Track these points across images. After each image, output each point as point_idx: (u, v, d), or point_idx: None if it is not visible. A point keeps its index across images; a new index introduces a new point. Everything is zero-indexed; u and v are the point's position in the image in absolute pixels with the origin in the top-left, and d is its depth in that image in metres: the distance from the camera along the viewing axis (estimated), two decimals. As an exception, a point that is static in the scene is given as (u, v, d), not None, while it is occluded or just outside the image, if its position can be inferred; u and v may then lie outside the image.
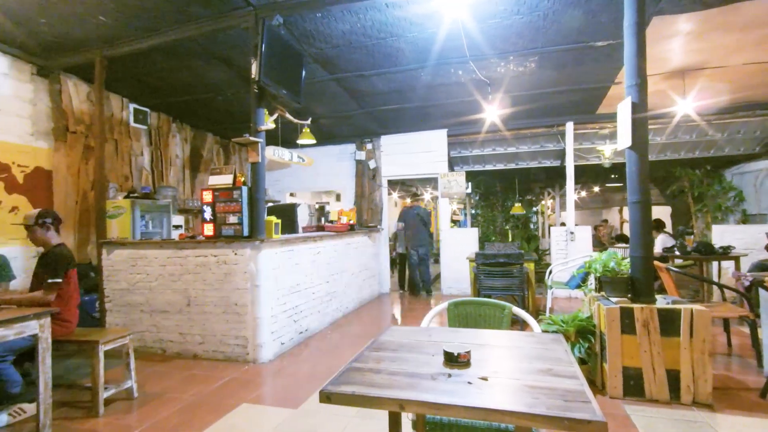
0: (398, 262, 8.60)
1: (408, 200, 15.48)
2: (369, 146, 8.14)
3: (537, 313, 5.26)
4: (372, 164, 8.08)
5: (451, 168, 8.54)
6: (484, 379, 1.32)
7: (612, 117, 6.82)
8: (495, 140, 8.11)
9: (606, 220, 14.89)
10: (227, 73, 5.18)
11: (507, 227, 13.24)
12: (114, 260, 4.51)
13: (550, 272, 5.80)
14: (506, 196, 13.37)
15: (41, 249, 3.16)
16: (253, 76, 3.82)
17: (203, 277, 4.15)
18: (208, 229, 4.16)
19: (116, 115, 5.76)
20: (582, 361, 3.22)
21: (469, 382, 1.29)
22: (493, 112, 6.37)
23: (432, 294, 7.63)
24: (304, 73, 4.44)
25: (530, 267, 5.32)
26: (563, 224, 9.30)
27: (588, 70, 5.14)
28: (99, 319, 4.57)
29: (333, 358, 4.07)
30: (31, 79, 4.78)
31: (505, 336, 1.86)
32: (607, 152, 7.66)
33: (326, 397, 1.26)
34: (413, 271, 7.62)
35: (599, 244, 9.96)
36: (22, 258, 4.58)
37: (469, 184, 11.26)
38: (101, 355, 2.94)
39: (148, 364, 3.96)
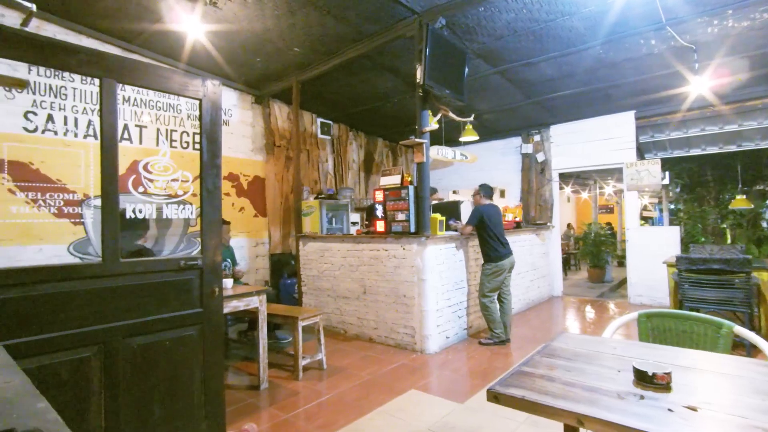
0: None
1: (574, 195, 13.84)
2: (537, 138, 7.58)
3: (773, 337, 4.02)
4: (540, 157, 7.51)
5: (641, 156, 7.26)
6: (692, 409, 1.08)
7: None
8: (704, 118, 6.53)
9: None
10: (394, 81, 5.57)
11: (724, 226, 10.49)
12: (307, 251, 5.37)
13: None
14: (722, 187, 10.59)
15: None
16: (417, 81, 4.00)
17: (376, 268, 4.57)
18: (380, 226, 4.56)
19: (307, 129, 6.84)
20: None
21: (670, 410, 1.08)
22: (701, 83, 5.13)
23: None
24: (467, 70, 4.43)
25: (763, 277, 4.11)
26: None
27: None
28: (297, 300, 5.52)
29: (498, 359, 3.96)
30: (251, 107, 6.09)
31: (722, 360, 1.49)
32: None
33: (494, 397, 1.23)
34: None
35: None
36: (247, 247, 5.88)
37: (666, 173, 9.32)
38: (300, 329, 3.54)
39: (333, 342, 4.58)
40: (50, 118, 4.09)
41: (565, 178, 10.10)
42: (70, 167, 4.19)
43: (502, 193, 8.63)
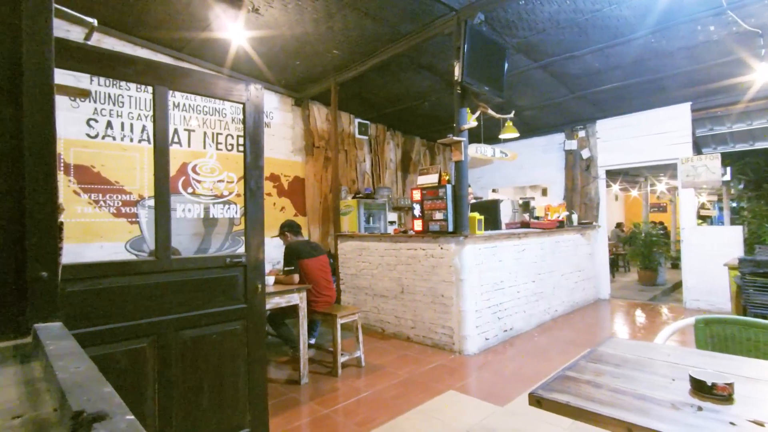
0: None
1: (635, 192, 13.16)
2: (581, 134, 7.27)
3: None
4: (585, 154, 7.20)
5: (698, 150, 6.78)
6: (759, 424, 1.00)
7: None
8: (771, 108, 5.99)
9: None
10: (431, 80, 5.53)
11: (795, 226, 9.59)
12: (346, 250, 5.45)
13: None
14: (792, 183, 9.68)
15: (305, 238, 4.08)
16: (456, 78, 3.95)
17: (414, 268, 4.56)
18: (417, 225, 4.55)
19: (345, 129, 6.93)
20: None
21: (732, 423, 1.01)
22: None
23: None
24: (506, 65, 4.32)
25: (840, 282, 3.71)
26: None
27: None
28: (336, 298, 5.61)
29: (540, 362, 3.84)
30: (291, 109, 6.25)
31: (792, 372, 1.36)
32: None
33: (537, 401, 1.20)
34: None
35: None
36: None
37: (728, 169, 8.64)
38: (339, 326, 3.59)
39: (371, 340, 4.62)
40: (109, 124, 4.39)
41: (612, 175, 9.63)
42: (127, 170, 4.49)
43: (544, 192, 8.36)
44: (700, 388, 1.17)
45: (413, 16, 4.04)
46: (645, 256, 8.39)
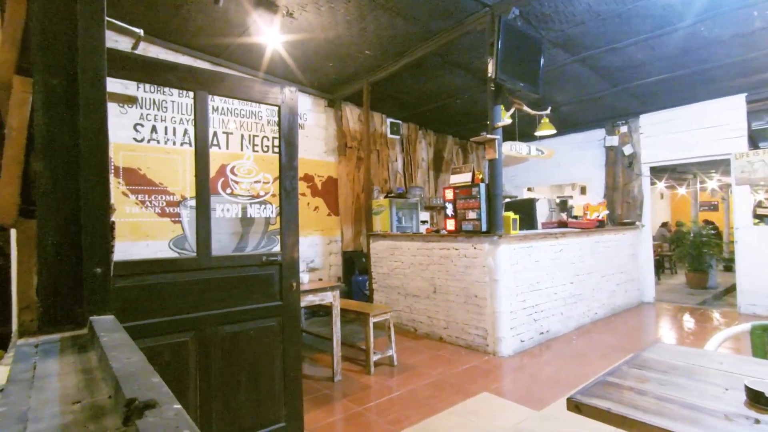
0: None
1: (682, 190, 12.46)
2: (623, 129, 6.95)
3: None
4: (627, 150, 6.87)
5: (754, 145, 6.32)
6: (824, 439, 0.92)
7: None
8: (839, 97, 5.50)
9: None
10: (463, 78, 5.46)
11: None
12: (378, 249, 5.47)
13: None
14: None
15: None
16: (489, 75, 3.88)
17: (446, 268, 4.52)
18: (450, 225, 4.50)
19: (377, 129, 6.96)
20: None
21: (794, 438, 0.93)
22: (835, 55, 4.34)
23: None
24: (542, 60, 4.20)
25: None
26: None
27: None
28: (368, 296, 5.65)
29: (579, 366, 3.71)
30: (324, 110, 6.35)
31: None
32: None
33: (575, 407, 1.16)
34: None
35: None
36: (321, 244, 6.14)
37: (787, 164, 8.02)
38: (371, 325, 3.62)
39: (403, 339, 4.62)
40: (154, 128, 4.62)
41: (657, 172, 9.14)
42: (170, 172, 4.71)
43: (583, 190, 8.06)
44: (758, 400, 1.09)
45: (445, 13, 4.00)
46: (694, 258, 7.91)
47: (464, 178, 4.49)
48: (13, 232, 1.04)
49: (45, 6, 0.85)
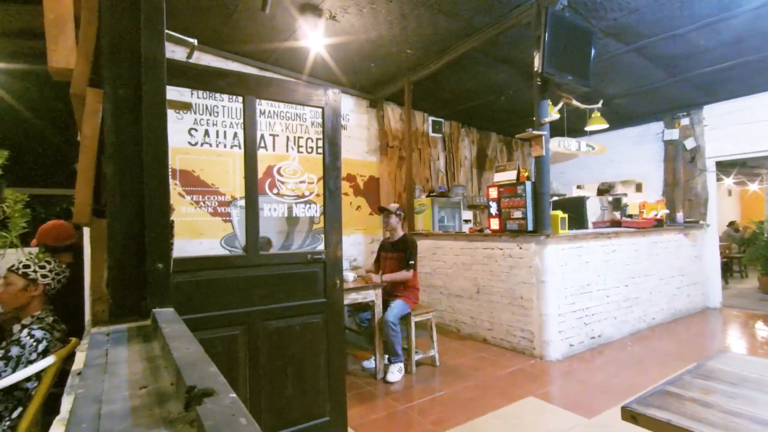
0: None
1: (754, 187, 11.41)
2: (684, 122, 6.46)
3: None
4: (690, 144, 6.39)
5: (840, 134, 5.66)
6: None
7: None
8: None
9: None
10: (507, 73, 5.30)
11: None
12: (420, 248, 5.43)
13: None
14: None
15: (379, 236, 4.15)
16: (535, 69, 3.75)
17: (490, 268, 4.42)
18: (494, 224, 4.40)
19: (419, 128, 6.93)
20: None
21: None
22: None
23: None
24: (593, 51, 4.00)
25: None
26: None
27: None
28: (410, 296, 5.64)
29: (634, 374, 3.50)
30: (366, 111, 6.41)
31: None
32: None
33: (631, 416, 1.10)
34: None
35: None
36: (363, 243, 6.22)
37: None
38: (413, 324, 3.61)
39: (446, 340, 4.57)
40: (206, 133, 4.88)
41: (724, 167, 8.43)
42: (221, 173, 4.95)
43: (639, 187, 7.59)
44: None
45: (488, 8, 3.90)
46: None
47: (509, 176, 4.37)
48: (86, 231, 1.14)
49: (113, 24, 0.93)
